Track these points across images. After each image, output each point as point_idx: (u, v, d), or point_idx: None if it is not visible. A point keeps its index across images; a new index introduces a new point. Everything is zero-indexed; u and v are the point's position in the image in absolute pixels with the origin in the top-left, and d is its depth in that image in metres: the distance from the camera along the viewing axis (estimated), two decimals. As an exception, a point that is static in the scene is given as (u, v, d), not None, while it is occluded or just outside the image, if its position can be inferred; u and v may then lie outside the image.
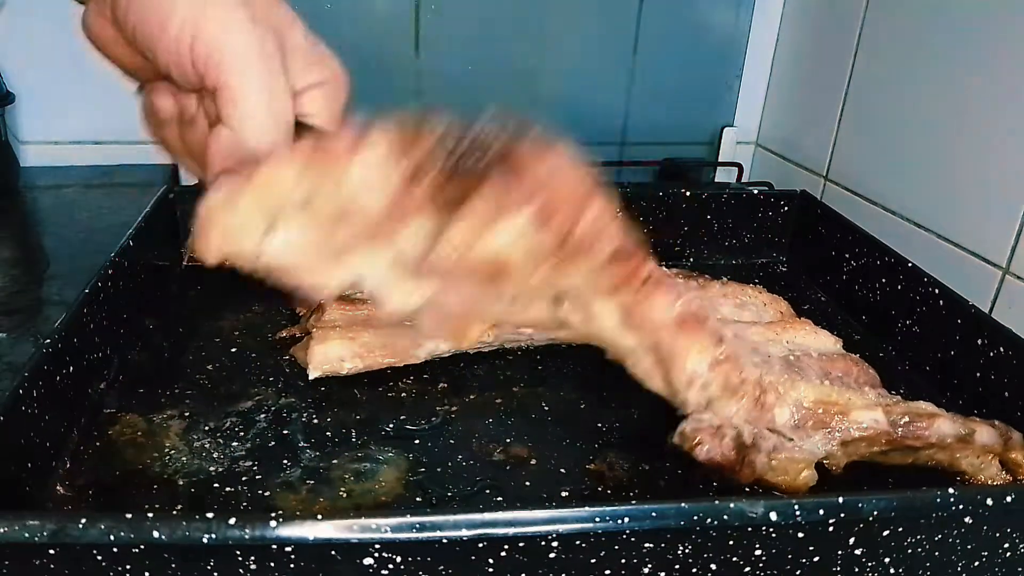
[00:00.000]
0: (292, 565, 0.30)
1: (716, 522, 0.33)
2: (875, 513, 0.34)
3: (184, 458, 0.46)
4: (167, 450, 0.47)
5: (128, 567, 0.29)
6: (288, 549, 0.29)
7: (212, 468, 0.46)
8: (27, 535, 0.28)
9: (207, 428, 0.49)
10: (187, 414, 0.50)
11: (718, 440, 0.45)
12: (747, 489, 0.46)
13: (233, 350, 0.58)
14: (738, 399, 0.45)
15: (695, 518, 0.33)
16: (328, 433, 0.49)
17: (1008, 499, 0.36)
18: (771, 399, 0.46)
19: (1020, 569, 0.39)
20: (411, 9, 0.87)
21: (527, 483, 0.46)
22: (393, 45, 0.88)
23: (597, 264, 0.40)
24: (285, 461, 0.46)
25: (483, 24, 0.89)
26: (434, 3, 0.87)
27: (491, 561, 0.32)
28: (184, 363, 0.55)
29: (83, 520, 0.28)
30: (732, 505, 0.33)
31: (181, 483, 0.44)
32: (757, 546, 0.35)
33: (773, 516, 0.33)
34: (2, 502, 0.37)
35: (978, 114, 0.65)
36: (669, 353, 0.44)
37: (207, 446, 0.47)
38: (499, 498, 0.45)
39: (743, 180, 0.97)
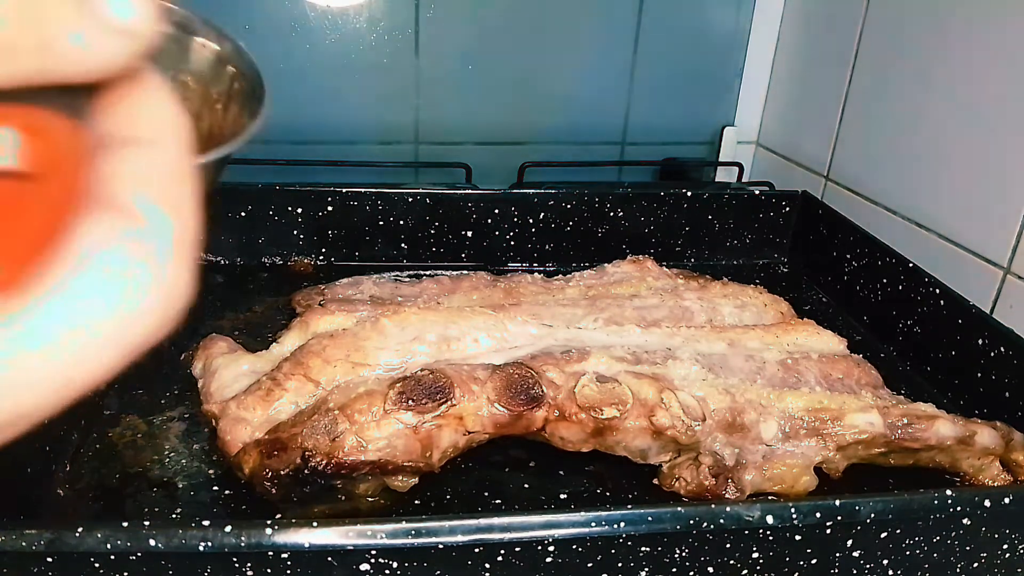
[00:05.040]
0: (289, 571, 0.30)
1: (713, 526, 0.33)
2: (872, 515, 0.35)
3: (184, 460, 0.47)
4: (167, 452, 0.47)
5: (125, 574, 0.29)
6: (284, 556, 0.29)
7: (212, 471, 0.46)
8: (24, 544, 0.28)
9: (207, 430, 0.49)
10: (187, 416, 0.50)
11: (695, 470, 0.45)
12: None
13: (233, 352, 0.58)
14: (705, 435, 0.45)
15: (692, 522, 0.33)
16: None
17: (1006, 500, 0.36)
18: (751, 417, 0.46)
19: (1020, 570, 0.39)
20: (411, 10, 0.87)
21: (526, 485, 0.47)
22: (393, 46, 0.88)
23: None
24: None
25: (483, 24, 0.89)
26: (434, 4, 0.87)
27: (487, 566, 0.32)
28: (184, 363, 0.55)
29: (80, 528, 0.28)
30: (729, 509, 0.33)
31: (181, 485, 0.45)
32: (754, 549, 0.35)
33: (770, 519, 0.33)
34: (2, 506, 0.37)
35: (979, 114, 0.64)
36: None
37: (207, 448, 0.47)
38: (498, 500, 0.45)
39: (744, 180, 0.97)
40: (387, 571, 0.31)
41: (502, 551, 0.32)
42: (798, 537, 0.35)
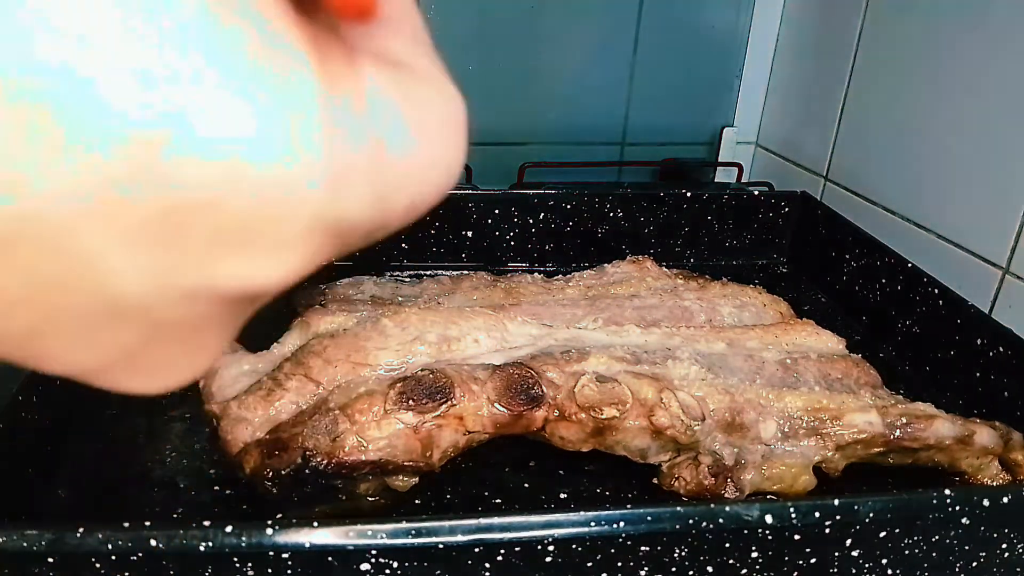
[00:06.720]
0: (290, 571, 0.30)
1: (712, 525, 0.33)
2: (871, 515, 0.35)
3: (185, 460, 0.47)
4: (168, 452, 0.47)
5: (126, 574, 0.29)
6: (285, 556, 0.29)
7: (212, 471, 0.46)
8: (25, 545, 0.28)
9: (208, 430, 0.49)
10: (188, 415, 0.51)
11: (694, 469, 0.45)
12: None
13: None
14: (704, 435, 0.45)
15: (691, 521, 0.33)
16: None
17: (1005, 500, 0.36)
18: (750, 417, 0.46)
19: (1019, 569, 0.39)
20: (411, 10, 0.87)
21: (526, 485, 0.47)
22: (393, 46, 0.88)
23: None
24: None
25: (483, 24, 0.89)
26: (434, 4, 0.87)
27: (488, 566, 0.32)
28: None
29: (81, 529, 0.28)
30: (728, 508, 0.34)
31: (182, 485, 0.45)
32: (754, 549, 0.35)
33: (769, 519, 0.34)
34: (4, 506, 0.38)
35: (978, 114, 0.65)
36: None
37: (208, 448, 0.48)
38: (498, 500, 0.45)
39: (743, 180, 0.97)
40: (387, 570, 0.31)
41: (502, 551, 0.32)
42: (797, 536, 0.35)
